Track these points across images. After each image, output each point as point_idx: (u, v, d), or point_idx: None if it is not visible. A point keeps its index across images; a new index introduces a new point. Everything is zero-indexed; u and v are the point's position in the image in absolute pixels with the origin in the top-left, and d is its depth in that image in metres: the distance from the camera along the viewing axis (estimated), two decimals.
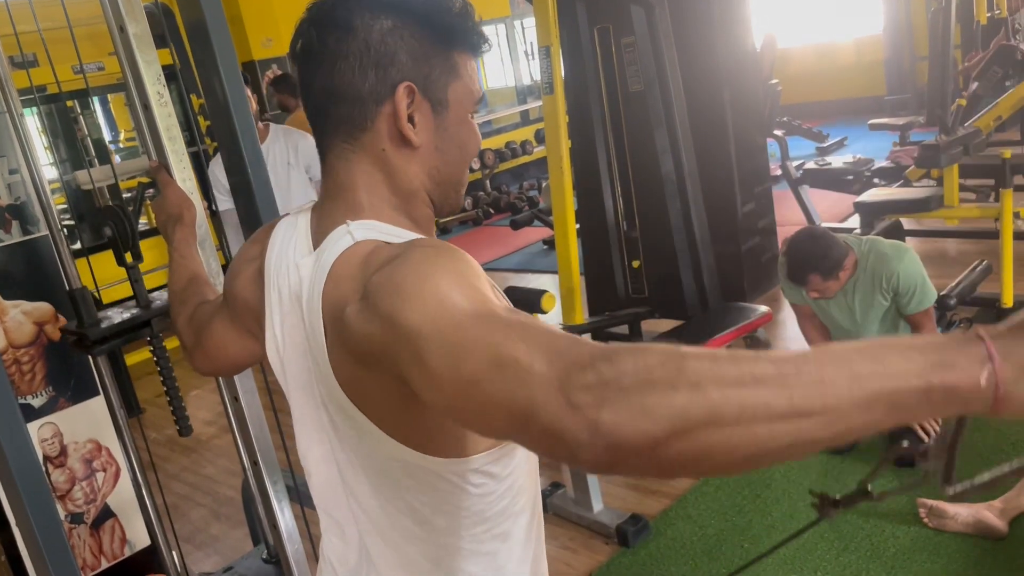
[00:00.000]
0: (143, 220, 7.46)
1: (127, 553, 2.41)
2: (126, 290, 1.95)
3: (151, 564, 2.43)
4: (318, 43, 0.90)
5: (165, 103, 1.38)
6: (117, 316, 1.72)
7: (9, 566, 2.26)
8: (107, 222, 1.66)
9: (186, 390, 4.95)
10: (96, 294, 2.03)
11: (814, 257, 2.91)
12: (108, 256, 1.91)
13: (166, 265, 1.37)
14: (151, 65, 1.37)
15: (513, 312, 0.72)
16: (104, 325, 1.66)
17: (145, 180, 7.07)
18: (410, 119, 0.90)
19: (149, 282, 2.14)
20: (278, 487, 1.55)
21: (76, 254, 2.22)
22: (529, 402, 0.62)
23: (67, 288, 2.19)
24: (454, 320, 0.70)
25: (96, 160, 7.22)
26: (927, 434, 2.85)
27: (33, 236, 2.18)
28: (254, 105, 5.38)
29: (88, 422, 2.32)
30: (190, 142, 6.34)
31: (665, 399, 0.57)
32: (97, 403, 2.32)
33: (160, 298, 1.78)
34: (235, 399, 1.51)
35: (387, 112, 0.90)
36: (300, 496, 1.90)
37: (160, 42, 5.31)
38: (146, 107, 1.38)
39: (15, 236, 2.15)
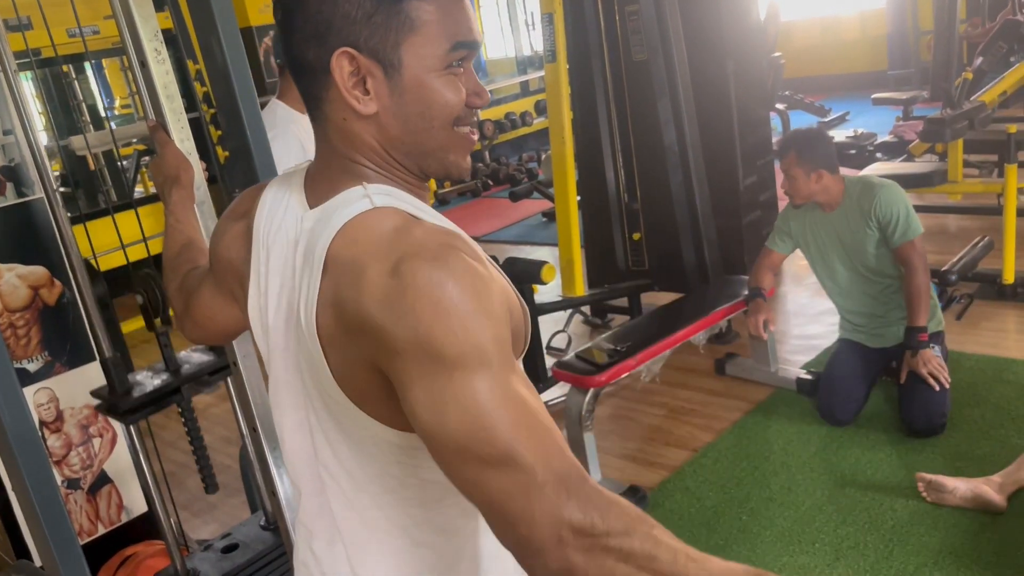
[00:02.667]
0: (139, 188, 7.42)
1: (124, 519, 2.40)
2: (119, 259, 1.94)
3: (148, 531, 2.43)
4: (280, 17, 0.88)
5: (163, 60, 1.35)
6: (147, 382, 1.73)
7: (5, 532, 2.26)
8: (138, 289, 1.69)
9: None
10: (94, 262, 2.00)
11: (801, 139, 3.13)
12: (105, 223, 1.89)
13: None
14: (148, 21, 1.34)
15: (523, 394, 0.77)
16: (136, 393, 1.68)
17: (141, 148, 7.02)
18: (364, 84, 0.85)
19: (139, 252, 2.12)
20: (276, 454, 1.54)
21: (72, 220, 2.19)
22: (523, 512, 0.72)
23: (63, 253, 2.16)
24: (480, 392, 0.74)
25: (91, 126, 7.16)
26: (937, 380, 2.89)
27: (28, 199, 2.15)
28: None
29: (85, 387, 2.29)
30: (188, 108, 6.29)
31: None
32: (94, 368, 2.30)
33: (189, 361, 1.80)
34: (234, 364, 1.49)
35: (335, 81, 0.85)
36: None
37: (158, 5, 5.22)
38: (143, 64, 1.34)
39: (9, 198, 2.12)
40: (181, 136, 1.38)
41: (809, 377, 3.35)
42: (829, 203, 3.08)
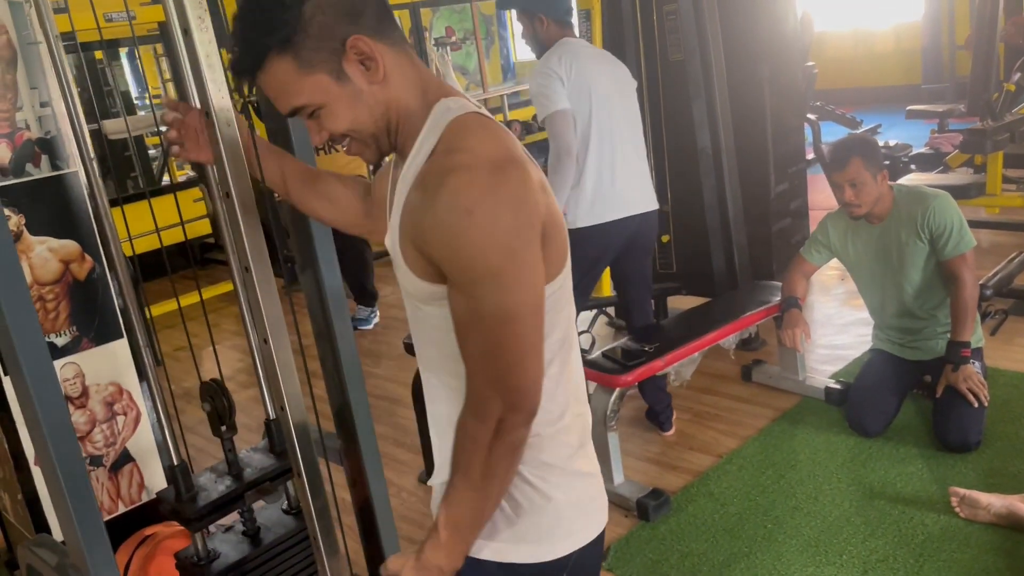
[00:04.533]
0: (165, 178, 7.46)
1: (144, 498, 2.38)
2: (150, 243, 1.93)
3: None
4: None
5: (206, 28, 1.32)
6: (211, 487, 1.77)
7: (26, 505, 2.25)
8: (206, 398, 1.74)
9: (200, 345, 4.96)
10: (131, 245, 2.01)
11: (859, 142, 3.03)
12: (140, 206, 1.89)
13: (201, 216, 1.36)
14: None
15: (528, 316, 1.03)
16: (201, 501, 1.73)
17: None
18: None
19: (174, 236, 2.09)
20: (286, 367, 1.49)
21: (128, 199, 2.20)
22: (478, 391, 1.05)
23: (95, 229, 2.15)
24: (492, 310, 1.00)
25: (123, 112, 7.20)
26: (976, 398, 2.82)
27: (62, 172, 2.14)
28: None
29: (111, 365, 2.28)
30: None
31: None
32: (120, 346, 2.29)
33: (250, 464, 1.84)
34: (264, 341, 1.46)
35: None
36: (325, 451, 1.86)
37: None
38: (186, 31, 1.32)
39: (44, 171, 2.11)
40: (222, 105, 1.35)
41: (838, 387, 3.30)
42: (879, 213, 2.97)
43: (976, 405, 2.79)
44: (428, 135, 1.08)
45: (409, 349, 3.22)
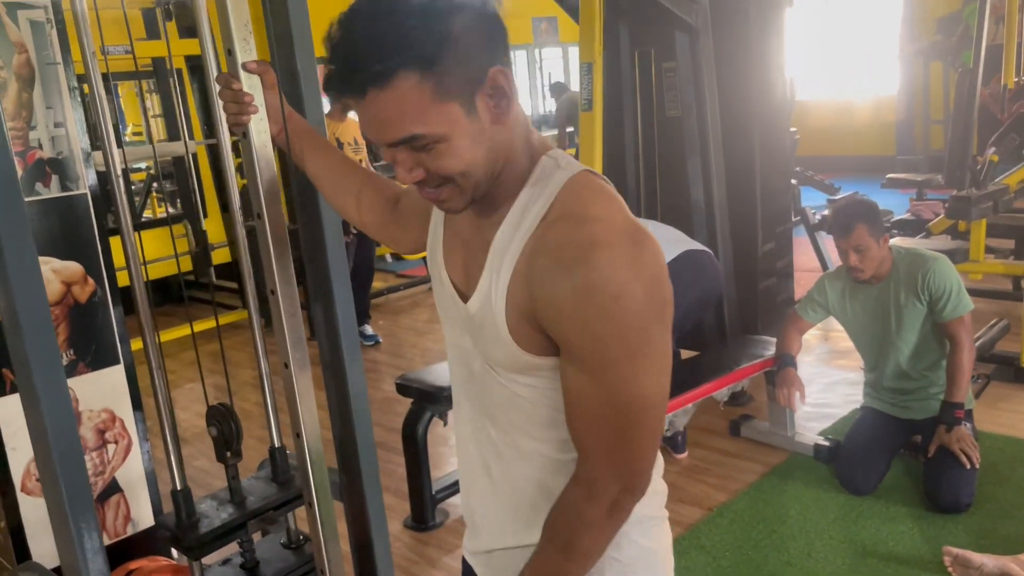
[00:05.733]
0: (147, 213, 7.40)
1: (129, 532, 2.32)
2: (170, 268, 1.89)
3: (152, 546, 2.34)
4: None
5: (250, 50, 1.33)
6: (213, 514, 1.75)
7: (9, 533, 2.17)
8: (213, 422, 1.72)
9: (180, 382, 4.87)
10: (144, 271, 1.98)
11: (863, 209, 2.98)
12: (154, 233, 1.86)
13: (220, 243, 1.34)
14: (240, 10, 1.33)
15: (660, 400, 0.99)
16: (203, 528, 1.70)
17: (153, 172, 7.01)
18: None
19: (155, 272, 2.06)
20: (319, 467, 1.48)
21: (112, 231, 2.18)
22: (595, 472, 1.01)
23: (99, 252, 2.13)
24: (626, 397, 0.96)
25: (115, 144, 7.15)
26: (968, 459, 2.83)
27: (71, 193, 2.12)
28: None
29: (105, 391, 2.24)
30: (208, 134, 6.26)
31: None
32: (116, 372, 2.25)
33: (252, 493, 1.80)
34: (286, 366, 1.44)
35: None
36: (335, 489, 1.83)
37: (191, 33, 5.24)
38: (229, 52, 1.32)
39: (53, 191, 2.09)
40: (259, 128, 1.36)
41: (827, 444, 3.30)
42: (879, 275, 3.00)
43: (968, 466, 2.81)
44: (537, 194, 1.00)
45: (402, 390, 3.19)
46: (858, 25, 10.76)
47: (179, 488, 1.72)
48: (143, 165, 7.07)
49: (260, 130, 1.36)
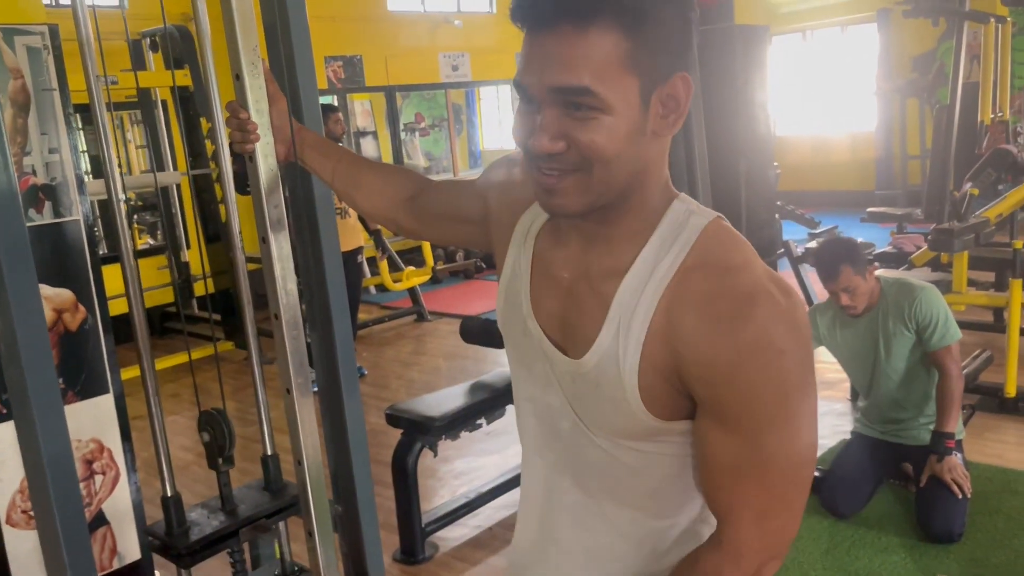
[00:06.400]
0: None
1: (116, 566, 2.26)
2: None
3: None
4: None
5: (258, 74, 1.33)
6: (204, 522, 1.73)
7: None
8: (205, 427, 1.71)
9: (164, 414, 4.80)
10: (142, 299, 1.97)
11: (844, 250, 2.99)
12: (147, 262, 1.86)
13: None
14: (248, 34, 1.33)
15: (813, 460, 0.94)
16: (194, 535, 1.69)
17: (135, 202, 6.98)
18: None
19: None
20: (305, 414, 1.44)
21: (104, 260, 2.17)
22: (743, 538, 0.93)
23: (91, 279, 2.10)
24: (783, 460, 0.90)
25: (91, 175, 7.12)
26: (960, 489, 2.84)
27: (64, 220, 2.10)
28: (342, 128, 5.39)
29: (94, 420, 2.19)
30: (194, 164, 6.23)
31: None
32: (106, 401, 2.21)
33: (243, 501, 1.79)
34: (288, 391, 1.43)
35: None
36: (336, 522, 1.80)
37: (177, 64, 5.22)
38: (238, 76, 1.33)
39: (46, 217, 2.07)
40: (266, 152, 1.36)
41: (817, 475, 3.30)
42: (868, 304, 3.03)
43: (960, 496, 2.82)
44: (671, 237, 0.91)
45: (392, 420, 3.17)
46: (835, 63, 10.98)
47: (169, 494, 1.67)
48: (124, 196, 7.04)
49: (266, 153, 1.36)
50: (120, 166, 8.70)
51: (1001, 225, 4.88)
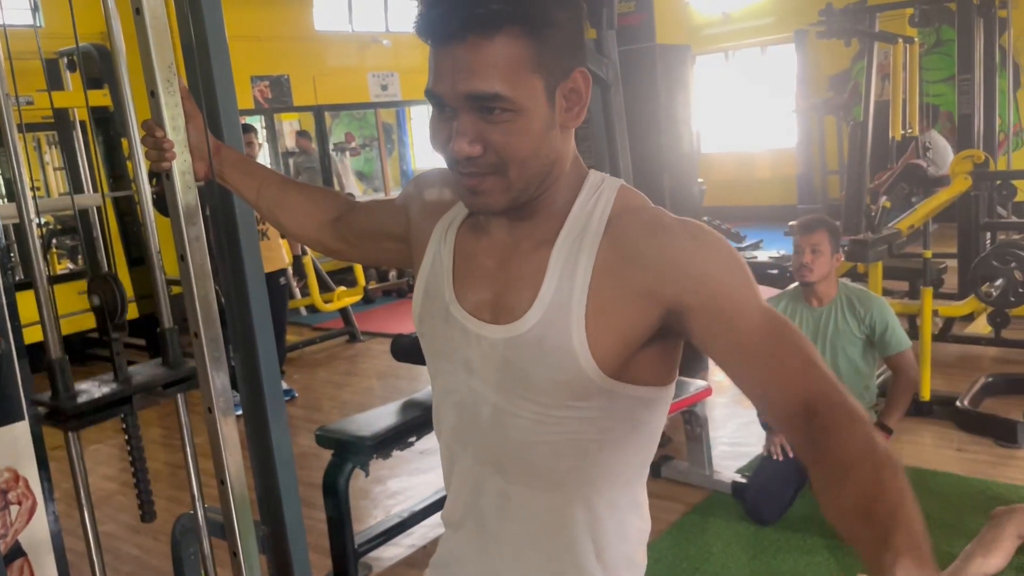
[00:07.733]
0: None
1: None
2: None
3: None
4: None
5: (173, 92, 1.33)
6: (95, 390, 1.65)
7: None
8: (96, 291, 1.63)
9: (85, 443, 4.65)
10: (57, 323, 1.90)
11: (829, 222, 3.24)
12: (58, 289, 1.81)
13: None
14: (164, 52, 1.32)
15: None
16: (82, 400, 1.59)
17: (54, 225, 6.77)
18: None
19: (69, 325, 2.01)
20: (244, 515, 1.44)
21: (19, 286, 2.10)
22: (823, 391, 0.88)
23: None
24: (768, 312, 0.92)
25: (4, 199, 6.89)
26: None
27: None
28: (256, 150, 5.33)
29: (9, 448, 2.12)
30: (115, 186, 6.08)
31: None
32: (20, 428, 2.14)
33: (140, 372, 1.72)
34: (209, 411, 1.41)
35: None
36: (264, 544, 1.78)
37: (97, 84, 5.11)
38: (152, 93, 1.32)
39: None
40: (183, 169, 1.35)
41: (744, 481, 3.38)
42: (826, 294, 3.19)
43: None
44: (594, 196, 0.99)
45: (322, 441, 3.13)
46: (756, 82, 11.33)
47: (57, 357, 1.60)
48: (40, 220, 6.83)
49: (184, 171, 1.35)
50: (36, 189, 8.45)
51: (914, 236, 5.11)
